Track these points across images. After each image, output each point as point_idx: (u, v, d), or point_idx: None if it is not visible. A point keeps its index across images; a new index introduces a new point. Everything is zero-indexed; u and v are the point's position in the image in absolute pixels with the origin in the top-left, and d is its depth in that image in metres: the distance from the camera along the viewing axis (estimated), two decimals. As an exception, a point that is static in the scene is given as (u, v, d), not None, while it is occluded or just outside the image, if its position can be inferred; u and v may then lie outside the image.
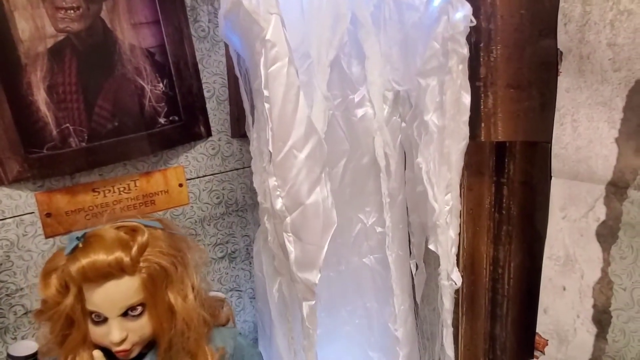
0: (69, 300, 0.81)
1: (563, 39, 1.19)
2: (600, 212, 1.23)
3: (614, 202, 1.20)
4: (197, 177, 1.65)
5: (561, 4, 1.18)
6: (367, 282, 1.72)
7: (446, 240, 1.40)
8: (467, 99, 1.31)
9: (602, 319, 1.27)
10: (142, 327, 0.86)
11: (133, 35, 1.39)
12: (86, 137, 1.35)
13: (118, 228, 0.88)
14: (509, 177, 1.49)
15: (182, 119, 1.54)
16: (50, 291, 0.83)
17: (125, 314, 0.84)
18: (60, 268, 0.83)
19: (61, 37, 1.27)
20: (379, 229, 1.62)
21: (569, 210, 1.29)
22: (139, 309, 0.85)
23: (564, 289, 1.34)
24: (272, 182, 1.30)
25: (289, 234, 1.32)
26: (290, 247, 1.34)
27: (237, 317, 1.84)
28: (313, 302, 1.39)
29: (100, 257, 0.81)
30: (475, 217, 1.58)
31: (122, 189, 1.51)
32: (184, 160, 1.62)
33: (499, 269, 1.59)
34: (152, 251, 0.87)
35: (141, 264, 0.85)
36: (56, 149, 1.32)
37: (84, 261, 0.81)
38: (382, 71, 1.45)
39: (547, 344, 1.40)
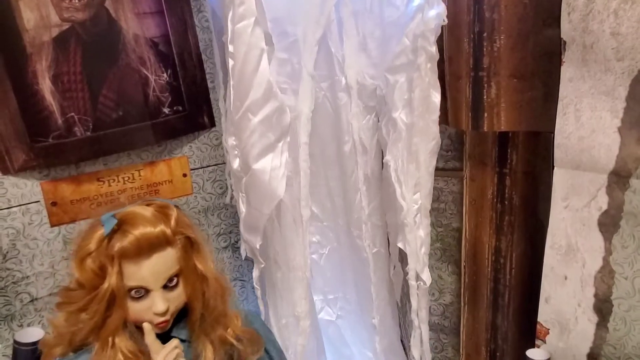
0: (113, 279, 0.82)
1: (567, 29, 1.19)
2: (603, 202, 1.23)
3: (616, 192, 1.20)
4: (201, 167, 1.66)
5: (565, -7, 1.17)
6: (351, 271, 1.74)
7: (414, 239, 1.41)
8: (436, 97, 1.33)
9: (603, 307, 1.28)
10: (179, 296, 0.88)
11: (137, 25, 1.40)
12: (91, 127, 1.36)
13: (148, 205, 0.90)
14: (512, 168, 1.49)
15: (186, 109, 1.55)
16: (87, 275, 0.84)
17: (165, 287, 0.86)
18: (96, 250, 0.84)
19: (66, 26, 1.28)
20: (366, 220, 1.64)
21: (571, 200, 1.29)
22: (175, 279, 0.87)
23: (566, 278, 1.34)
24: (231, 141, 1.34)
25: (243, 194, 1.36)
26: (242, 207, 1.39)
27: (241, 307, 1.86)
28: (262, 265, 1.43)
29: (148, 229, 0.83)
30: (478, 207, 1.58)
31: (126, 179, 1.52)
32: (187, 150, 1.63)
33: (501, 259, 1.59)
34: (182, 224, 0.90)
35: (177, 236, 0.88)
36: (61, 138, 1.33)
37: (137, 233, 0.82)
38: (357, 58, 1.45)
39: (548, 333, 1.41)
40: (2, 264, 1.37)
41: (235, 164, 1.35)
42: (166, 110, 1.49)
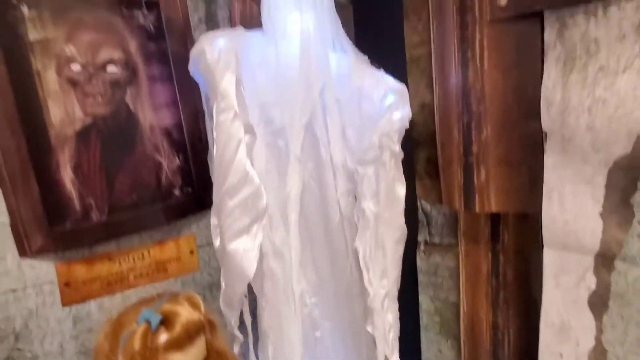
0: None
1: (546, 122, 1.31)
2: (591, 282, 1.29)
3: (602, 273, 1.27)
4: (207, 244, 1.73)
5: (543, 90, 1.30)
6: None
7: (382, 324, 1.46)
8: (401, 191, 1.43)
9: (599, 386, 1.31)
10: None
11: (153, 116, 1.52)
12: (107, 211, 1.45)
13: (176, 297, 0.97)
14: (504, 245, 1.56)
15: (195, 190, 1.64)
16: None
17: None
18: (142, 347, 0.89)
19: (88, 120, 1.40)
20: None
21: (561, 279, 1.36)
22: None
23: (561, 356, 1.38)
24: (213, 220, 1.42)
25: (222, 270, 1.43)
26: (222, 282, 1.44)
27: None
28: (242, 340, 1.48)
29: (190, 320, 0.91)
30: (474, 282, 1.64)
31: (136, 258, 1.59)
32: (195, 228, 1.71)
33: (499, 333, 1.63)
34: (206, 311, 0.96)
35: (206, 322, 0.94)
36: (78, 223, 1.41)
37: (182, 324, 0.89)
38: (341, 141, 1.54)
39: (548, 411, 1.43)
40: (15, 344, 1.41)
41: (217, 243, 1.43)
42: (177, 192, 1.59)
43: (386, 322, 1.46)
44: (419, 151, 1.68)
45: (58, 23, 1.33)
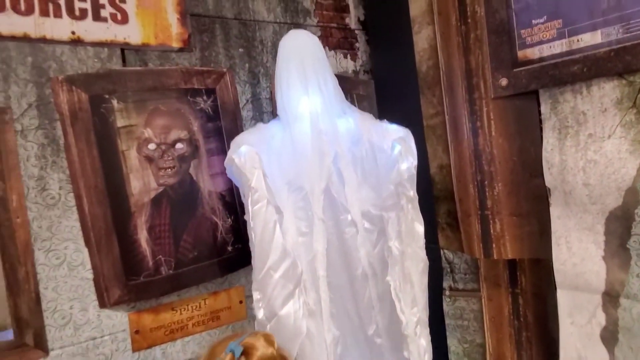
0: None
1: (549, 179, 1.53)
2: (601, 318, 1.46)
3: (610, 309, 1.44)
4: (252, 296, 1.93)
5: (543, 153, 1.54)
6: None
7: (417, 348, 1.61)
8: (420, 229, 1.63)
9: (618, 416, 1.44)
10: None
11: (211, 183, 1.78)
12: (173, 265, 1.68)
13: (255, 334, 1.17)
14: (522, 288, 1.74)
15: (243, 246, 1.87)
16: None
17: None
18: None
19: (161, 189, 1.66)
20: (378, 340, 1.79)
21: (575, 317, 1.53)
22: None
23: (582, 388, 1.52)
24: (256, 295, 1.60)
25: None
26: None
27: None
28: None
29: (265, 352, 1.10)
30: (497, 324, 1.81)
31: (194, 307, 1.80)
32: (244, 281, 1.92)
33: (524, 372, 1.77)
34: (280, 348, 1.16)
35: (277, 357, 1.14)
36: (150, 277, 1.64)
37: (259, 355, 1.09)
38: (358, 195, 1.75)
39: None
40: (91, 388, 1.61)
41: (260, 314, 1.60)
42: (229, 248, 1.82)
43: (420, 347, 1.61)
44: (440, 206, 1.90)
45: (140, 112, 1.63)
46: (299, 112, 1.66)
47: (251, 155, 1.54)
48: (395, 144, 1.65)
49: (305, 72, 1.65)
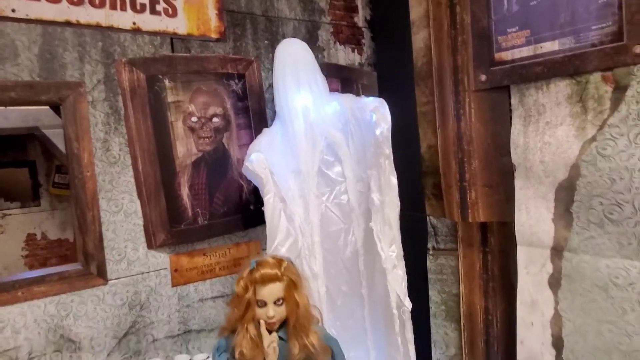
0: (250, 294, 1.43)
1: (514, 157, 1.91)
2: (549, 268, 1.85)
3: (556, 261, 1.83)
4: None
5: (512, 136, 1.91)
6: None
7: (395, 277, 1.99)
8: (394, 180, 1.97)
9: (558, 344, 1.84)
10: (282, 311, 1.47)
11: (239, 152, 2.15)
12: (207, 217, 2.05)
13: (273, 258, 1.54)
14: (491, 247, 2.13)
15: (262, 207, 2.24)
16: (240, 290, 1.46)
17: (274, 303, 1.46)
18: (246, 277, 1.46)
19: (200, 154, 2.03)
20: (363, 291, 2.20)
21: (529, 268, 1.92)
22: (281, 300, 1.47)
23: (532, 324, 1.92)
24: None
25: None
26: None
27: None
28: None
29: (268, 270, 1.46)
30: (470, 277, 2.20)
31: (221, 254, 2.18)
32: (261, 235, 2.29)
33: (490, 316, 2.17)
34: (289, 271, 1.51)
35: (284, 276, 1.49)
36: (189, 225, 2.02)
37: (262, 272, 1.46)
38: (353, 168, 2.13)
39: (525, 368, 1.95)
40: (140, 312, 1.99)
41: None
42: (252, 207, 2.19)
43: (397, 276, 2.00)
44: (427, 179, 2.28)
45: (185, 90, 1.99)
46: (293, 108, 2.01)
47: (259, 160, 1.91)
48: (372, 113, 2.00)
49: (297, 74, 2.00)
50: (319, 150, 2.06)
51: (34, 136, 5.37)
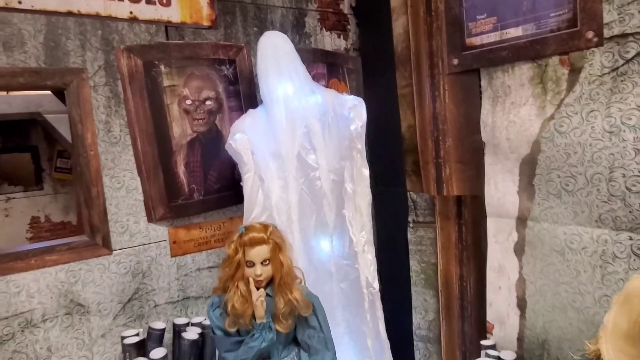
0: (239, 255, 1.62)
1: (484, 135, 2.08)
2: (515, 236, 2.03)
3: (521, 229, 2.01)
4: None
5: (481, 116, 2.07)
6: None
7: (365, 261, 2.18)
8: (366, 172, 2.16)
9: (522, 304, 2.03)
10: (268, 270, 1.66)
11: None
12: (202, 193, 2.23)
13: (260, 223, 1.72)
14: (465, 220, 2.31)
15: (254, 184, 2.41)
16: (231, 251, 1.65)
17: (262, 263, 1.65)
18: (236, 240, 1.65)
19: (194, 135, 2.19)
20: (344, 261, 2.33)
21: (498, 237, 2.10)
22: (267, 261, 1.66)
23: (500, 288, 2.11)
24: None
25: None
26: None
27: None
28: None
29: (255, 234, 1.65)
30: (446, 248, 2.38)
31: (215, 227, 2.36)
32: (253, 211, 2.46)
33: (464, 282, 2.35)
34: (275, 235, 1.70)
35: (270, 239, 1.67)
36: (186, 200, 2.19)
37: (250, 235, 1.64)
38: (326, 155, 2.25)
39: (493, 327, 2.14)
40: (142, 280, 2.17)
41: None
42: (242, 184, 2.36)
43: (367, 260, 2.19)
44: (407, 157, 2.45)
45: (180, 75, 2.14)
46: (275, 97, 2.14)
47: (242, 139, 2.07)
48: (350, 110, 2.19)
49: (279, 65, 2.12)
50: (298, 136, 2.19)
51: (36, 121, 5.53)
